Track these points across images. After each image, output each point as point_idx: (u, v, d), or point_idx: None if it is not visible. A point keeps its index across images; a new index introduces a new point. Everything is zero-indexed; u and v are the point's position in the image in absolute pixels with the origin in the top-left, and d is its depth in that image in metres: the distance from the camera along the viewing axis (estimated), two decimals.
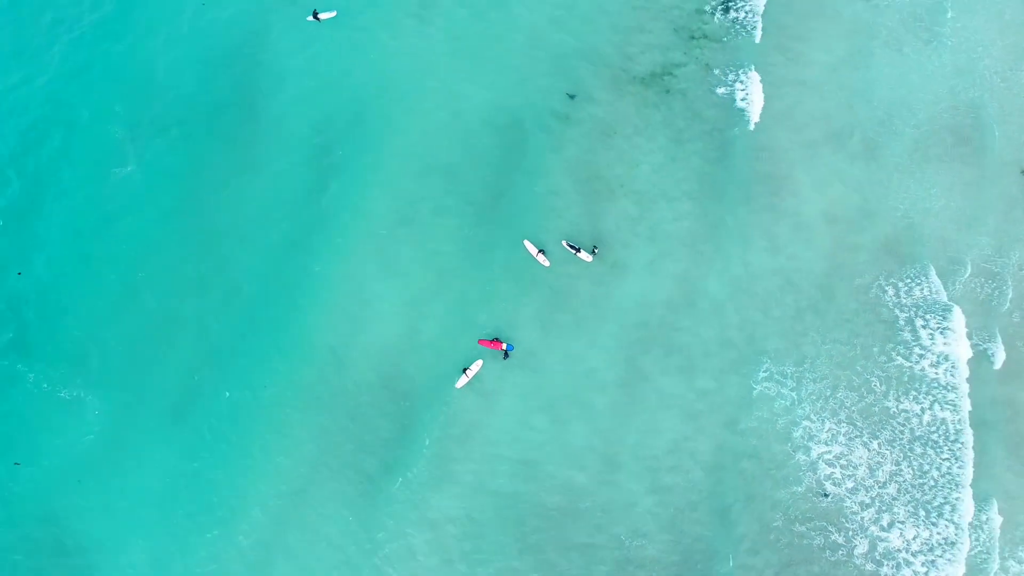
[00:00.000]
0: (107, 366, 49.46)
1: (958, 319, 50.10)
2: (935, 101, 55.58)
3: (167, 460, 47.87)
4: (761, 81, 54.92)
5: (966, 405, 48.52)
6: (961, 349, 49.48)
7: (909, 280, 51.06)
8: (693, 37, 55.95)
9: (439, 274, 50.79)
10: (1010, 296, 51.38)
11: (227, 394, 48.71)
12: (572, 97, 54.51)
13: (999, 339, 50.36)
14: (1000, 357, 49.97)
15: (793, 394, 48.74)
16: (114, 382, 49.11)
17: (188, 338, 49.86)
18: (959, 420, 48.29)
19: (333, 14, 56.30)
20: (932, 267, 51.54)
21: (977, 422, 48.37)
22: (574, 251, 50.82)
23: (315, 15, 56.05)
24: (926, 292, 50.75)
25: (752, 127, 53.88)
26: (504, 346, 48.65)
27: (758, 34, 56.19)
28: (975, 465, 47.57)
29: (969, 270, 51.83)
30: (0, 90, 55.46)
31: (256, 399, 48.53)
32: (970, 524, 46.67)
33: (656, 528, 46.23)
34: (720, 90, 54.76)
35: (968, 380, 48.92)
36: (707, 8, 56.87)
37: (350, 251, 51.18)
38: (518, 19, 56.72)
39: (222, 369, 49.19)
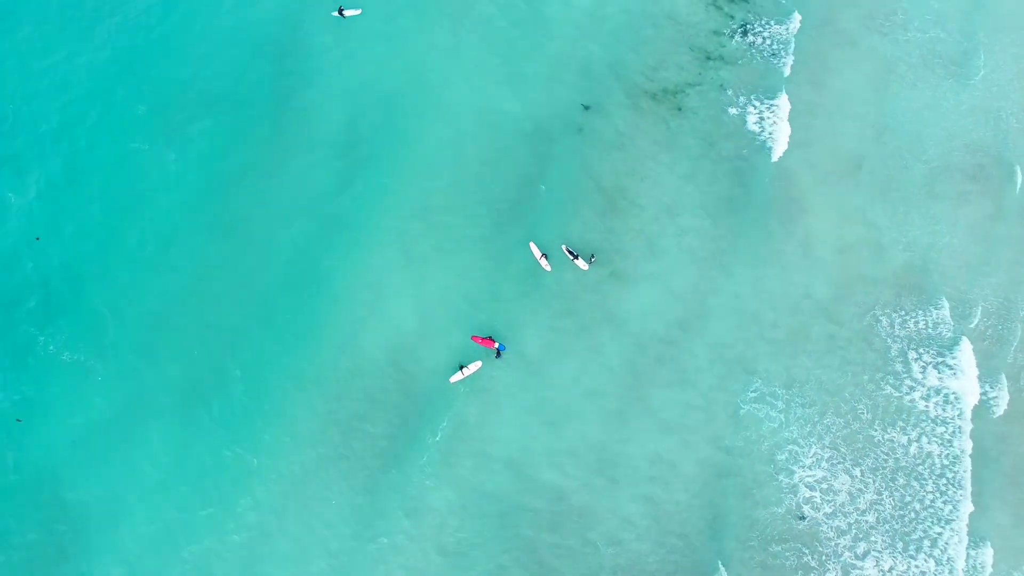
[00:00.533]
0: (122, 338, 50.70)
1: (963, 355, 50.24)
2: (951, 138, 55.92)
3: (171, 435, 48.76)
4: (776, 106, 55.65)
5: (959, 441, 48.51)
6: (960, 386, 49.50)
7: (904, 312, 51.23)
8: (709, 58, 56.89)
9: (449, 271, 51.87)
10: (1018, 336, 51.35)
11: (237, 373, 49.81)
12: (587, 108, 55.66)
13: (1002, 379, 50.38)
14: (1001, 398, 49.96)
15: (781, 416, 49.04)
16: (126, 355, 50.32)
17: (206, 319, 51.01)
18: (948, 455, 48.27)
19: (358, 12, 58.06)
20: (936, 302, 51.67)
21: (974, 459, 48.38)
22: (572, 257, 51.80)
23: (340, 12, 57.87)
24: (922, 325, 50.87)
25: (764, 151, 54.56)
26: (496, 345, 49.70)
27: (779, 60, 56.98)
28: (965, 502, 47.54)
29: (976, 308, 51.94)
30: (44, 65, 57.70)
31: (267, 383, 49.53)
32: (950, 559, 46.58)
33: (632, 537, 46.68)
34: (732, 111, 55.57)
35: (961, 416, 48.92)
36: (725, 30, 57.83)
37: (368, 245, 52.33)
38: (539, 28, 58.11)
39: (235, 350, 50.26)
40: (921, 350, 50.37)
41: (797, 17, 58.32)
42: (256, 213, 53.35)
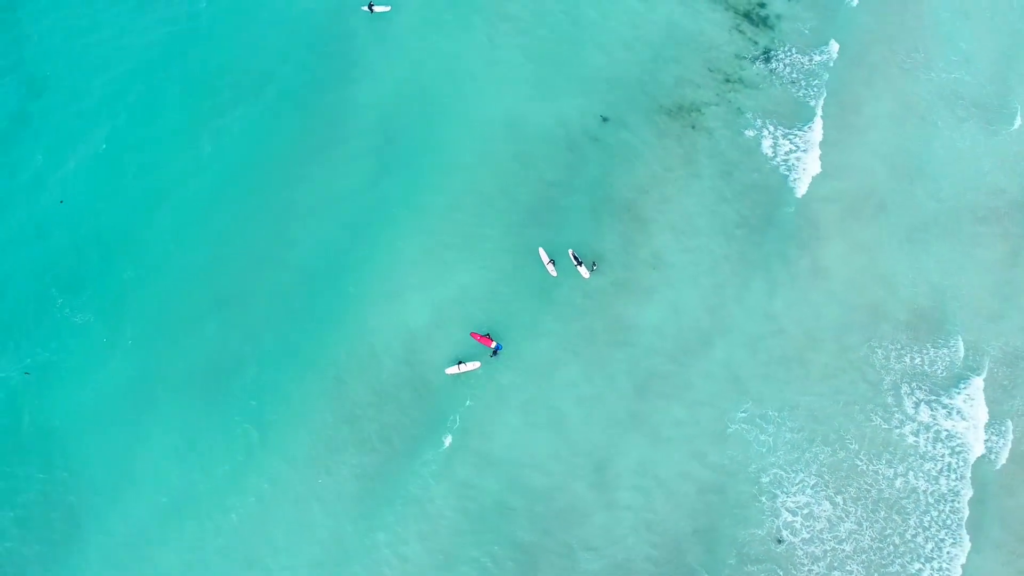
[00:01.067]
0: (143, 309, 51.93)
1: (961, 396, 50.27)
2: (974, 182, 56.16)
3: (181, 409, 49.72)
4: (797, 135, 56.25)
5: (948, 480, 48.43)
6: (952, 425, 49.45)
7: (900, 346, 51.40)
8: (728, 80, 57.63)
9: (460, 270, 52.89)
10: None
11: (252, 352, 50.95)
12: (605, 120, 56.69)
13: (1007, 425, 50.42)
14: (1001, 444, 49.94)
15: (769, 440, 49.25)
16: (145, 326, 51.55)
17: (225, 297, 52.20)
18: (934, 492, 48.21)
19: (387, 8, 59.75)
20: (937, 340, 51.78)
21: (969, 501, 48.36)
22: (576, 263, 52.77)
23: (370, 7, 59.64)
24: (917, 361, 50.98)
25: (778, 176, 55.11)
26: (493, 344, 50.68)
27: (800, 90, 57.56)
28: (954, 541, 47.48)
29: (983, 352, 51.92)
30: (91, 41, 59.36)
31: (280, 364, 50.60)
32: None
33: (606, 543, 47.13)
34: (748, 133, 56.22)
35: (955, 455, 48.87)
36: (747, 55, 58.57)
37: (388, 239, 53.49)
38: (565, 38, 59.31)
39: (251, 331, 51.40)
40: (914, 385, 50.39)
41: (826, 49, 58.90)
42: (283, 201, 54.68)
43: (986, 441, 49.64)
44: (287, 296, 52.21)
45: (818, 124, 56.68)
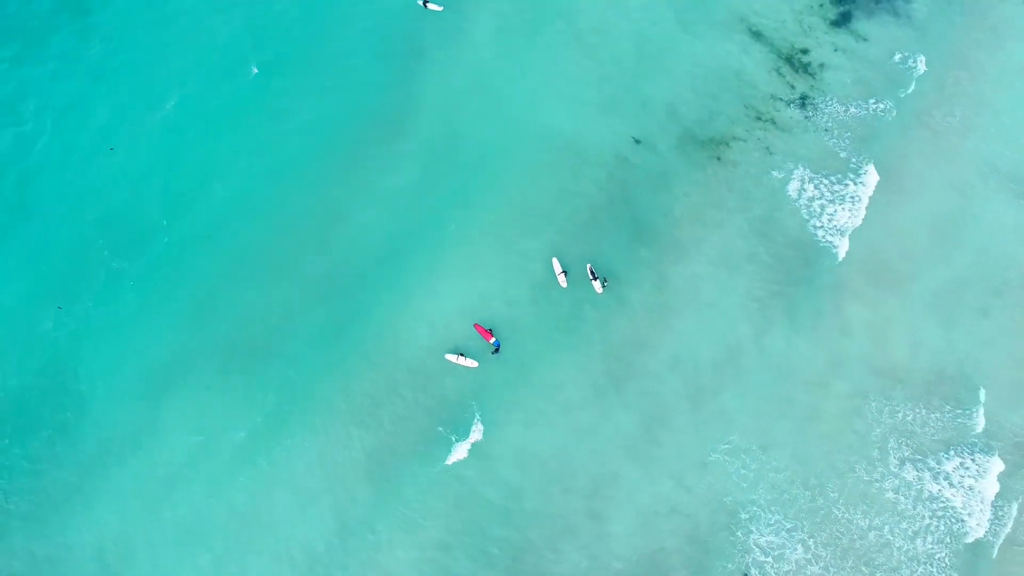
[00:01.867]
0: (189, 271, 54.44)
1: (975, 468, 50.38)
2: (1014, 256, 56.07)
3: (211, 374, 51.70)
4: (823, 183, 56.81)
5: (924, 543, 48.29)
6: (939, 489, 49.42)
7: (895, 403, 51.44)
8: (760, 119, 58.61)
9: (489, 270, 54.77)
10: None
11: (286, 326, 53.18)
12: (638, 142, 57.97)
13: (1012, 506, 50.07)
14: (989, 520, 49.55)
15: (751, 475, 49.57)
16: (189, 287, 54.01)
17: (272, 272, 54.51)
18: (908, 551, 48.09)
19: (440, 8, 62.04)
20: (943, 406, 51.68)
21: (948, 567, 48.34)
22: (592, 278, 53.95)
23: (424, 3, 62.05)
24: (908, 418, 50.94)
25: (799, 220, 55.73)
26: (493, 340, 52.00)
27: (834, 139, 58.13)
28: None
29: (999, 426, 51.52)
30: (182, 25, 62.34)
31: (313, 341, 52.62)
32: None
33: (572, 547, 47.89)
34: (775, 174, 57.03)
35: (936, 517, 48.82)
36: (783, 97, 59.49)
37: (442, 239, 55.38)
38: (612, 59, 61.03)
39: (288, 306, 53.64)
40: (902, 443, 50.42)
41: (865, 105, 59.39)
42: (337, 190, 56.85)
43: (987, 519, 49.32)
44: (325, 277, 54.40)
45: (850, 177, 57.11)
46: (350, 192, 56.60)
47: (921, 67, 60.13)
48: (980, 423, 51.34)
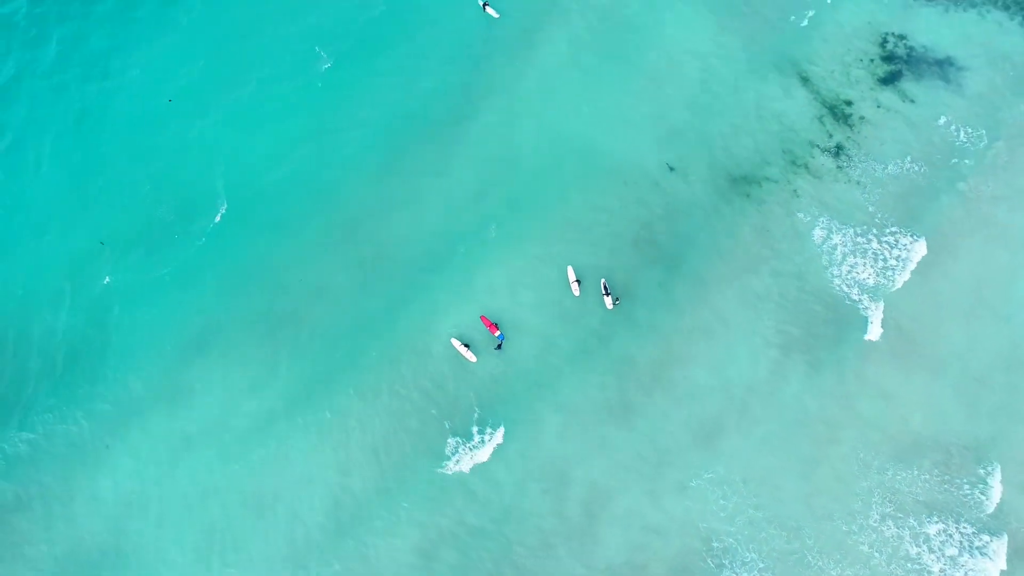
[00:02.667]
0: (243, 245, 57.49)
1: (938, 529, 50.00)
2: None
3: (240, 345, 54.48)
4: (847, 233, 57.17)
5: None
6: (917, 552, 49.18)
7: (885, 460, 51.40)
8: (795, 163, 59.44)
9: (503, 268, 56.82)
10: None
11: (321, 310, 55.83)
12: (672, 169, 59.21)
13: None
14: None
15: (730, 506, 50.06)
16: (241, 260, 57.07)
17: (319, 255, 57.27)
18: None
19: (497, 15, 64.46)
20: (965, 481, 51.17)
21: None
22: (605, 293, 55.24)
23: (484, 6, 64.44)
24: (901, 480, 50.90)
25: (818, 267, 56.23)
26: (497, 333, 53.73)
27: (862, 193, 58.43)
28: None
29: (1012, 507, 50.79)
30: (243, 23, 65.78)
31: (342, 327, 55.17)
32: None
33: (539, 545, 49.07)
34: (801, 216, 57.70)
35: None
36: (820, 144, 60.18)
37: (484, 239, 57.71)
38: (658, 89, 62.90)
39: (325, 294, 56.13)
40: (889, 502, 50.37)
41: (900, 164, 59.51)
42: (388, 186, 59.51)
43: None
44: (369, 264, 57.06)
45: (875, 233, 57.28)
46: (402, 188, 59.32)
47: (966, 136, 60.15)
48: (991, 501, 50.64)
